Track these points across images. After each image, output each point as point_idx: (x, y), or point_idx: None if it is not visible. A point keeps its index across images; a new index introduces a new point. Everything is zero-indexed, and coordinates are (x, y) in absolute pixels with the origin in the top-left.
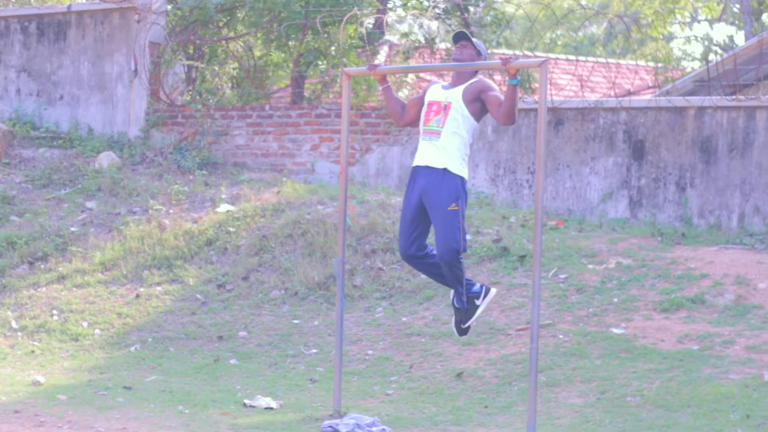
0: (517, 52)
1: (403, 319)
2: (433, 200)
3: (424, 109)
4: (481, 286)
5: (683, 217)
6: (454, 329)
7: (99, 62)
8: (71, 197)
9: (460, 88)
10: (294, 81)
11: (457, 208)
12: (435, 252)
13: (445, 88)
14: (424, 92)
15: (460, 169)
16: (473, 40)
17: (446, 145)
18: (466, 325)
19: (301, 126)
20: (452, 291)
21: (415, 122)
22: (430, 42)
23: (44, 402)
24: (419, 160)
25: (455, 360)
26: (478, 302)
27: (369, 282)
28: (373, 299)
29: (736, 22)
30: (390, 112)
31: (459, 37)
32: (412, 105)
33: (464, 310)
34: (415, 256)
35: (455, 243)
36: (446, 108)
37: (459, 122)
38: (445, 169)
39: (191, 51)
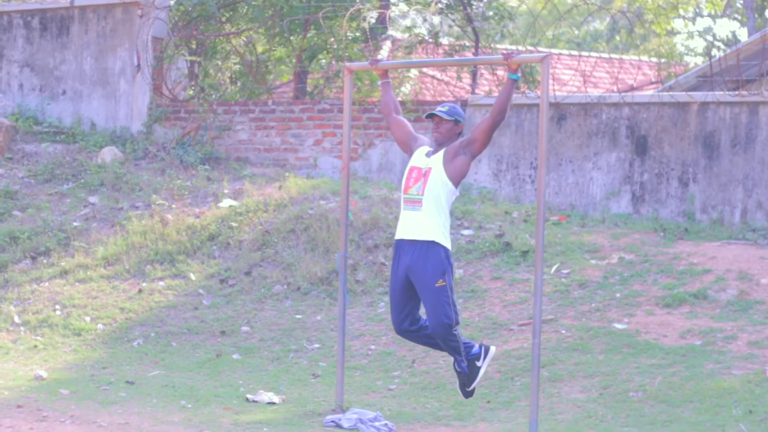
0: (520, 48)
1: None
2: (419, 278)
3: (405, 175)
4: (480, 347)
5: (686, 213)
6: (459, 392)
7: (102, 57)
8: (74, 192)
9: (441, 153)
10: (296, 76)
11: (444, 283)
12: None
13: (428, 154)
14: (415, 140)
15: (443, 239)
16: (442, 111)
17: (427, 215)
18: (470, 388)
19: (304, 121)
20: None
21: (397, 134)
22: (434, 37)
23: (47, 397)
24: (401, 232)
25: None
26: (479, 363)
27: (371, 277)
28: (375, 294)
29: (739, 17)
30: (382, 107)
31: (430, 116)
32: (402, 126)
33: (466, 374)
34: (410, 331)
35: (446, 318)
36: (426, 174)
37: (438, 189)
38: (428, 242)
39: (194, 46)
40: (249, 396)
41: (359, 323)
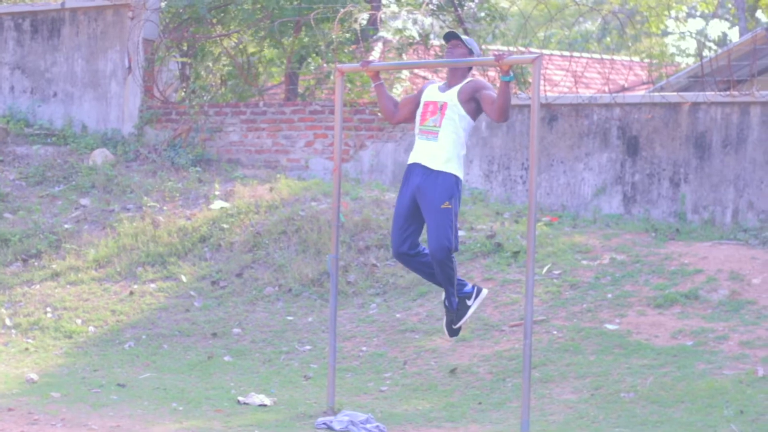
0: (512, 49)
1: (397, 315)
2: (426, 198)
3: (420, 109)
4: (473, 287)
5: (677, 213)
6: (445, 329)
7: (93, 59)
8: (65, 194)
9: (455, 89)
10: (287, 77)
11: (450, 206)
12: (427, 251)
13: (441, 89)
14: (420, 92)
15: (456, 168)
16: (463, 38)
17: (444, 145)
18: (457, 325)
19: (295, 122)
20: (444, 291)
21: (408, 120)
22: (425, 38)
23: (38, 400)
24: (415, 157)
25: (449, 356)
26: (469, 302)
27: (363, 278)
28: (366, 296)
29: (731, 18)
30: (382, 110)
31: (450, 37)
32: (406, 103)
33: (455, 310)
34: (407, 254)
35: (447, 241)
36: (442, 108)
37: (456, 122)
38: (440, 171)
39: (185, 48)
40: (240, 398)
41: (351, 325)
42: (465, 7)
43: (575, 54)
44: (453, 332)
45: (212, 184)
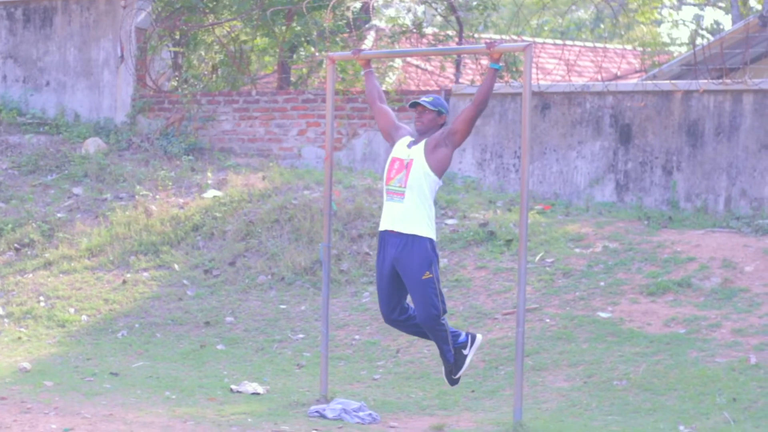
0: (505, 37)
1: None
2: (406, 271)
3: (387, 165)
4: (467, 335)
5: (670, 201)
6: (445, 379)
7: (85, 48)
8: (58, 183)
9: (423, 142)
10: (280, 66)
11: (431, 275)
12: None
13: (409, 145)
14: (397, 127)
15: (428, 230)
16: (427, 101)
17: (411, 206)
18: (457, 376)
19: (288, 111)
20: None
21: (380, 123)
22: (417, 27)
23: (31, 388)
24: (385, 223)
25: None
26: (465, 352)
27: (356, 267)
28: (359, 284)
29: (723, 5)
30: (367, 97)
31: (414, 105)
32: (385, 116)
33: (452, 363)
34: (399, 321)
35: (434, 309)
36: (408, 166)
37: (421, 180)
38: (413, 235)
39: (177, 37)
40: (233, 387)
41: (343, 313)
42: None
43: (568, 42)
44: (453, 382)
45: (205, 173)
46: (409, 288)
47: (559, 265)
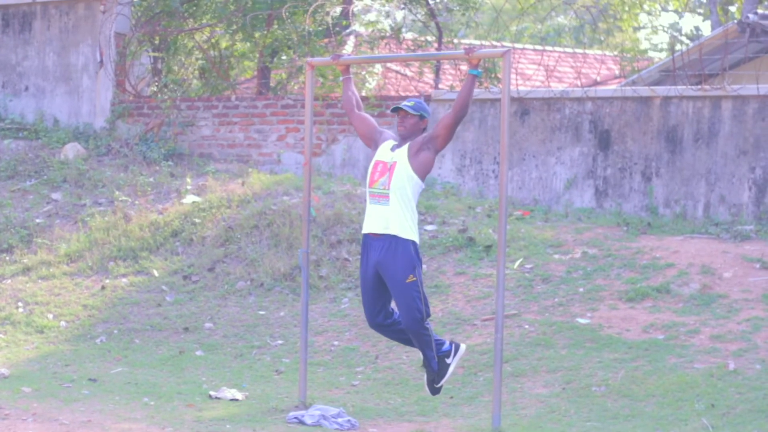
0: (485, 43)
1: None
2: (389, 274)
3: (370, 168)
4: (451, 344)
5: (649, 207)
6: (427, 388)
7: (64, 53)
8: (36, 189)
9: (406, 146)
10: (260, 71)
11: (414, 278)
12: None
13: (393, 148)
14: (379, 132)
15: (411, 233)
16: (408, 106)
17: (395, 208)
18: (439, 384)
19: (267, 116)
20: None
21: (358, 129)
22: (396, 32)
23: (9, 395)
24: (369, 226)
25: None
26: (448, 361)
27: (335, 272)
28: (338, 290)
29: (702, 11)
30: (344, 104)
31: (396, 109)
32: (364, 121)
33: (436, 371)
34: (384, 325)
35: (418, 313)
36: (391, 168)
37: (404, 182)
38: (395, 237)
39: (157, 42)
40: (212, 393)
41: (322, 319)
42: (437, 1)
43: (548, 48)
44: (435, 391)
45: (184, 179)
46: (392, 292)
47: (538, 271)
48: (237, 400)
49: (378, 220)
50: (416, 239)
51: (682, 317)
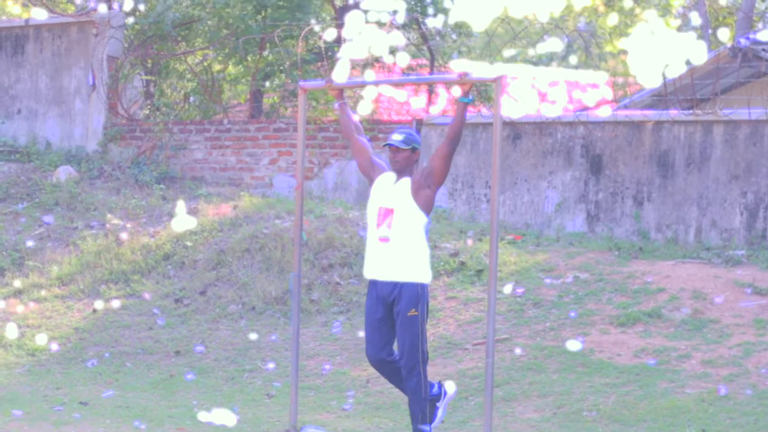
0: (479, 63)
1: (360, 333)
2: (394, 309)
3: (374, 210)
4: (440, 387)
5: (640, 232)
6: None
7: (57, 76)
8: (28, 211)
9: (407, 183)
10: (252, 95)
11: (416, 313)
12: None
13: (392, 185)
14: (373, 168)
15: (418, 275)
16: (397, 140)
17: (401, 251)
18: (429, 428)
19: (260, 140)
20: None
21: (358, 159)
22: (391, 55)
23: None
24: (373, 271)
25: None
26: (438, 404)
27: (326, 296)
28: (330, 314)
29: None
30: (342, 127)
31: (388, 144)
32: (363, 152)
33: (419, 415)
34: (386, 361)
35: (415, 350)
36: (396, 210)
37: (411, 223)
38: (402, 283)
39: (149, 65)
40: (203, 416)
41: (314, 343)
42: (429, 27)
43: (540, 70)
44: None
45: (176, 202)
46: (395, 322)
47: (529, 295)
48: (228, 424)
49: (383, 263)
50: (425, 279)
51: (674, 342)
